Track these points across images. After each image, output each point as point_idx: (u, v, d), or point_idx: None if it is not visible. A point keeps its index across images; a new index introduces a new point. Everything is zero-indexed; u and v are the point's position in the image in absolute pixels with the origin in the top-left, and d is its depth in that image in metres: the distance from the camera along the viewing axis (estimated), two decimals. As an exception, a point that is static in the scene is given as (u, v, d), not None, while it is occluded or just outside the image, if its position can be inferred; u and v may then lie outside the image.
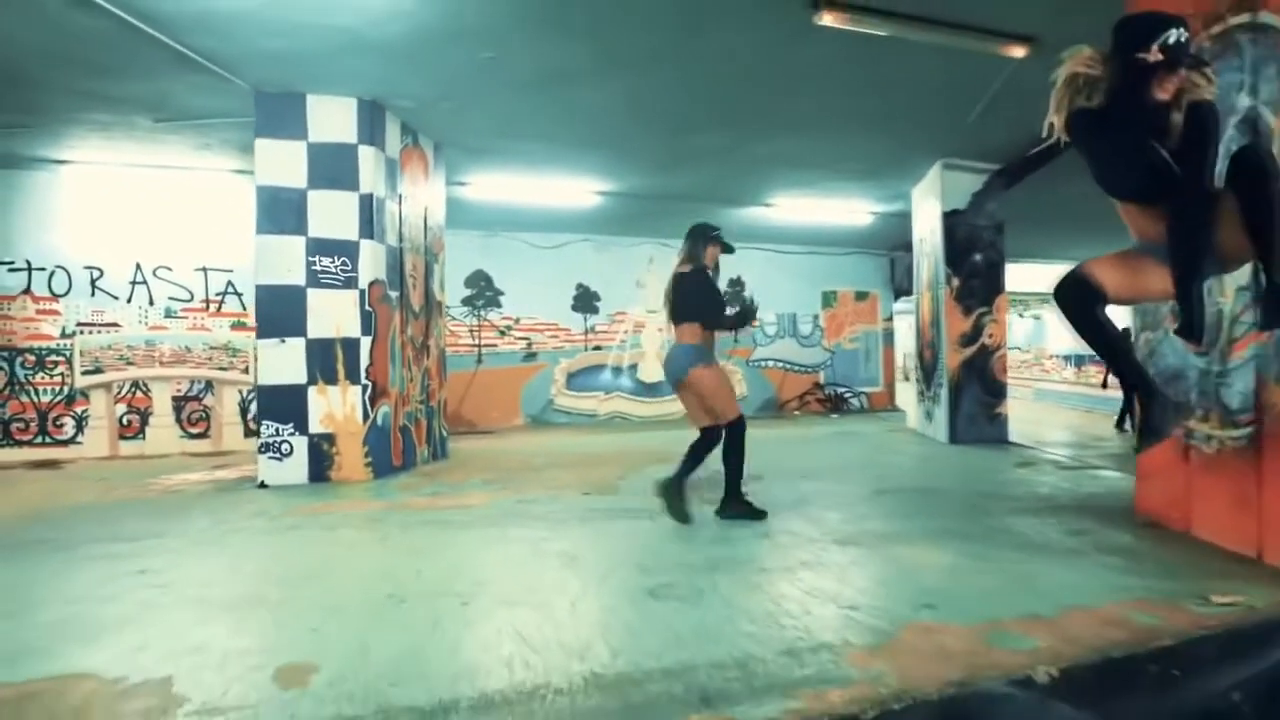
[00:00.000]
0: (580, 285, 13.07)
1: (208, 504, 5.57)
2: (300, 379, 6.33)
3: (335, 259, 6.40)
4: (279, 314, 6.30)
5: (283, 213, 6.29)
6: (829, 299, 14.74)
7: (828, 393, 14.60)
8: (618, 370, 13.27)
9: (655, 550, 3.97)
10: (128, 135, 7.32)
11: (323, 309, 6.38)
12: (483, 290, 12.47)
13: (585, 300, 13.12)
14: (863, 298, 14.94)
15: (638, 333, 13.34)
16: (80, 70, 5.82)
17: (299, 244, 6.33)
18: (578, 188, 9.85)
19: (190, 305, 8.93)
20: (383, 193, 6.69)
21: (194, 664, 2.44)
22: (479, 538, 4.33)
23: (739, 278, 13.56)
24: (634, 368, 13.32)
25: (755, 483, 5.66)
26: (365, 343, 6.49)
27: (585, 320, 13.12)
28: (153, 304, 8.78)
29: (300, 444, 6.31)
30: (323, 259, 6.37)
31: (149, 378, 8.73)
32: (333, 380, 6.40)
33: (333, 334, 6.41)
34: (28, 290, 8.38)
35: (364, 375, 6.47)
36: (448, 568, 3.69)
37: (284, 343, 6.29)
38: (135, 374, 8.68)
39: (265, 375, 6.34)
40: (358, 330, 6.46)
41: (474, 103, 6.73)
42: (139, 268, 8.73)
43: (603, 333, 13.17)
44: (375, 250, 6.60)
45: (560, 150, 8.25)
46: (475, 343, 12.39)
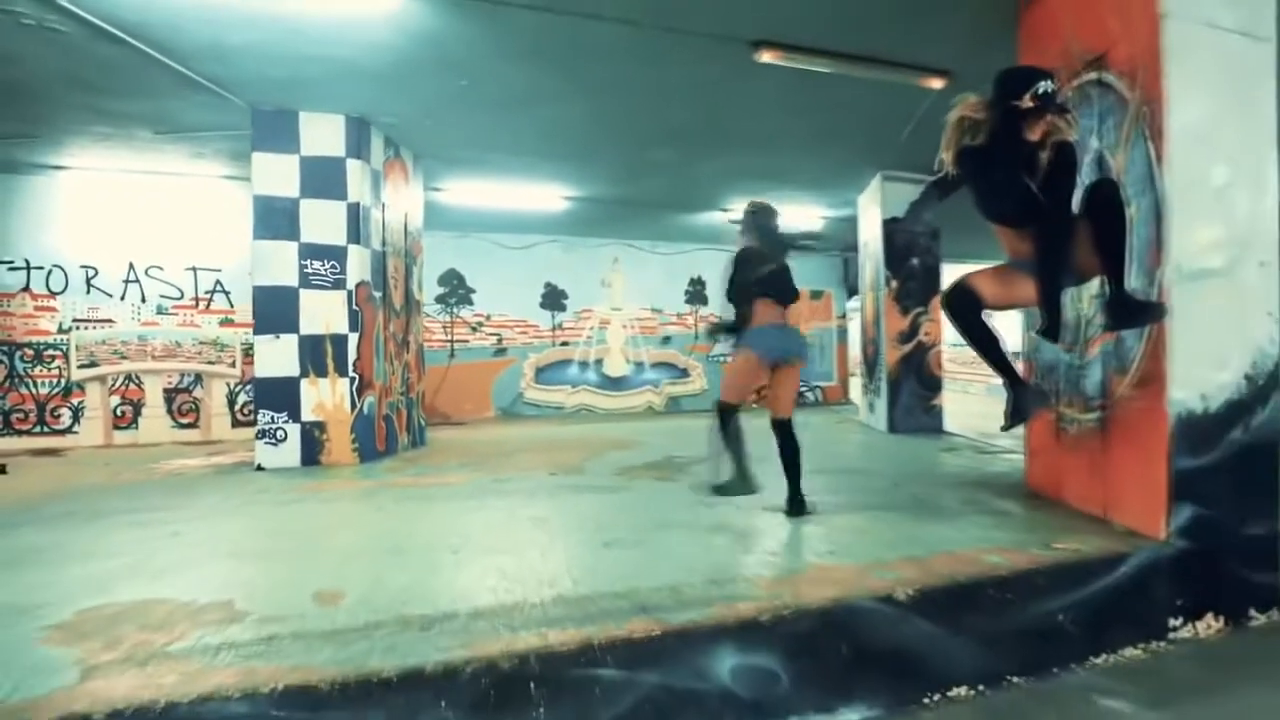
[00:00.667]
0: (548, 284, 13.70)
1: (212, 484, 6.17)
2: (294, 371, 6.94)
3: (325, 262, 7.01)
4: (274, 312, 6.90)
5: (277, 220, 6.89)
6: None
7: (784, 387, 15.35)
8: (584, 365, 13.92)
9: (611, 516, 4.67)
10: (127, 145, 7.85)
11: (314, 308, 6.98)
12: (456, 288, 13.08)
13: (553, 298, 13.75)
14: (818, 296, 15.70)
15: (603, 329, 14.01)
16: (91, 90, 6.35)
17: (292, 249, 6.93)
18: (546, 193, 10.44)
19: (180, 303, 9.45)
20: (368, 202, 7.30)
21: (246, 591, 3.11)
22: (461, 507, 5.00)
23: (699, 277, 14.35)
24: (599, 362, 13.99)
25: (703, 464, 6.39)
26: (353, 339, 7.11)
27: (553, 317, 13.75)
28: (145, 301, 9.29)
29: (294, 431, 6.93)
30: (314, 262, 6.97)
31: (141, 371, 9.26)
32: (323, 373, 7.01)
33: (323, 331, 7.02)
34: (26, 288, 8.87)
35: (351, 368, 7.09)
36: (437, 529, 4.37)
37: (279, 339, 6.90)
38: (128, 367, 9.21)
39: (262, 368, 6.94)
40: (346, 327, 7.08)
41: (452, 120, 7.35)
42: (132, 267, 9.24)
43: (570, 329, 13.81)
44: (361, 254, 7.21)
45: (530, 161, 8.87)
46: (449, 338, 13.00)
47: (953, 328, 3.87)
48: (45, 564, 3.63)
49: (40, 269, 8.91)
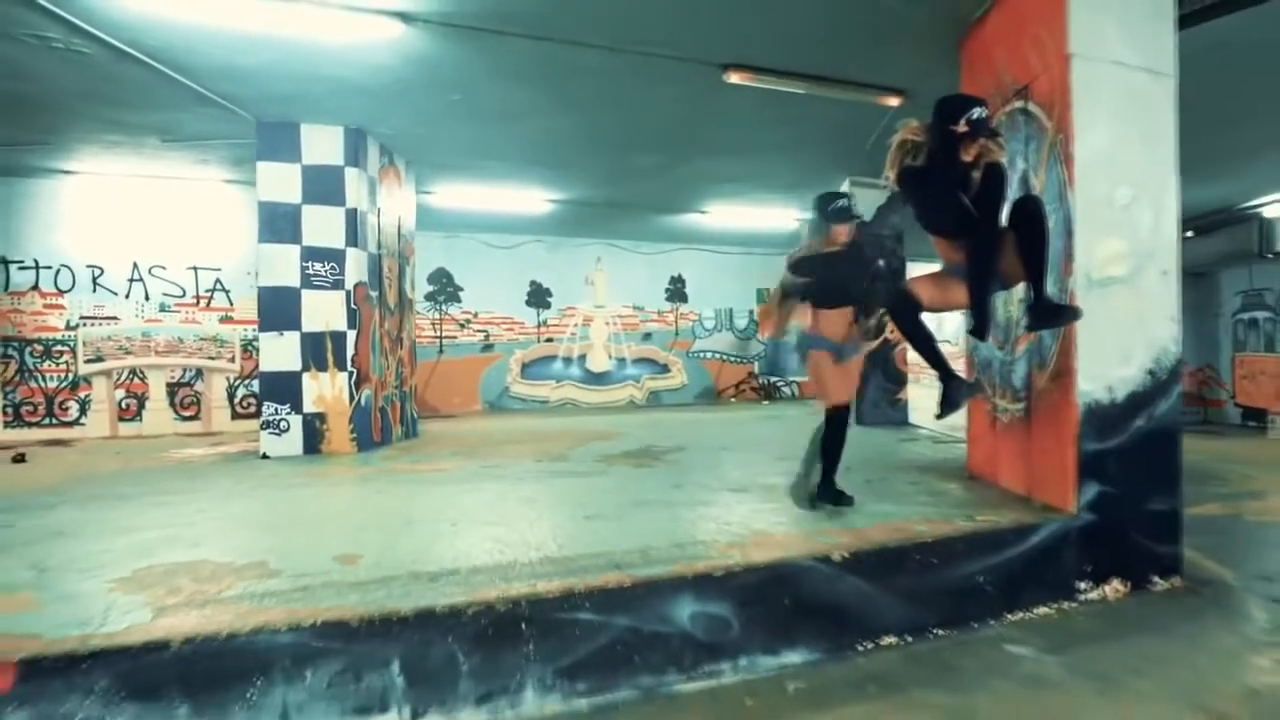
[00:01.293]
0: (534, 282, 14.19)
1: (223, 470, 6.64)
2: (296, 366, 7.42)
3: (325, 264, 7.48)
4: (278, 311, 7.39)
5: (281, 225, 7.37)
6: (763, 295, 16.03)
7: (761, 381, 15.94)
8: (568, 360, 14.43)
9: (592, 496, 5.19)
10: (135, 152, 8.29)
11: (315, 307, 7.46)
12: (444, 286, 13.55)
13: (538, 296, 14.25)
14: (795, 295, 16.24)
15: (586, 326, 14.52)
16: (106, 103, 6.79)
17: (294, 252, 7.40)
18: (531, 196, 10.91)
19: (182, 300, 9.89)
20: (365, 207, 7.78)
21: (277, 554, 3.61)
22: (456, 489, 5.51)
23: (679, 275, 14.90)
24: (583, 358, 14.51)
25: (679, 453, 6.96)
26: (351, 336, 7.59)
27: (538, 314, 14.24)
28: (148, 299, 9.73)
29: (296, 421, 7.41)
30: (315, 264, 7.45)
31: (145, 366, 9.70)
32: (323, 367, 7.49)
33: (323, 328, 7.50)
34: (35, 286, 9.30)
35: (350, 363, 7.57)
36: (436, 507, 4.88)
37: (282, 335, 7.39)
38: (133, 362, 9.65)
39: (266, 363, 7.43)
40: (344, 325, 7.56)
41: (444, 131, 7.84)
42: (136, 266, 9.68)
43: (554, 326, 14.31)
44: (359, 257, 7.69)
45: (517, 167, 9.37)
46: (437, 334, 13.47)
47: (897, 327, 4.38)
48: (91, 536, 4.11)
49: (49, 268, 9.34)
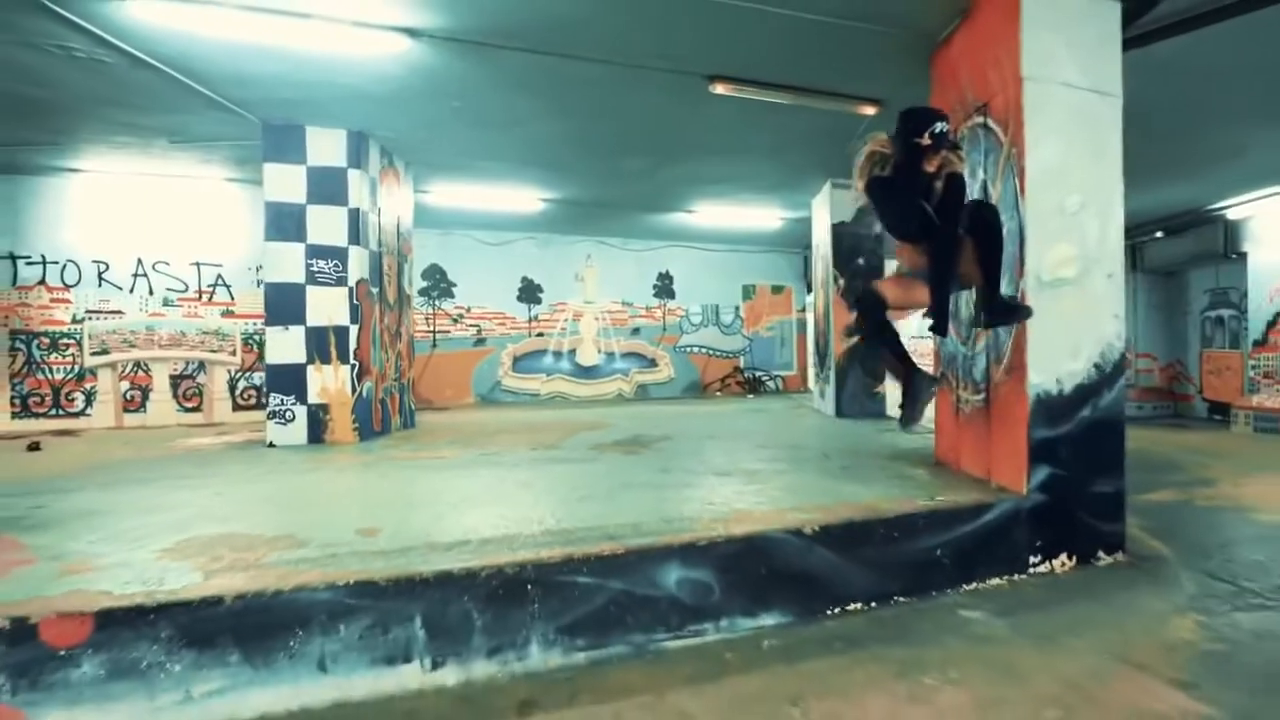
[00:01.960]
0: (525, 278, 14.59)
1: (232, 458, 6.97)
2: (301, 359, 7.77)
3: (329, 262, 7.83)
4: (284, 306, 7.74)
5: (286, 224, 7.71)
6: (748, 291, 16.48)
7: (746, 376, 16.35)
8: (558, 355, 14.83)
9: (585, 480, 5.57)
10: (142, 152, 8.60)
11: (319, 303, 7.81)
12: (438, 282, 13.91)
13: (529, 292, 14.64)
14: (779, 291, 16.70)
15: (576, 321, 14.91)
16: (119, 106, 7.12)
17: (299, 250, 7.75)
18: (525, 196, 11.30)
19: (185, 295, 10.22)
20: (366, 207, 8.13)
21: (301, 528, 3.97)
22: (457, 474, 5.88)
23: (667, 272, 15.30)
24: (573, 353, 14.91)
25: (666, 441, 7.37)
26: (353, 330, 7.94)
27: (529, 310, 14.64)
28: (152, 294, 10.06)
29: (300, 412, 7.76)
30: (319, 261, 7.79)
31: (149, 359, 10.03)
32: (327, 360, 7.84)
33: (327, 323, 7.84)
34: (43, 281, 9.62)
35: (352, 356, 7.92)
36: (440, 489, 5.25)
37: (288, 330, 7.73)
38: (137, 355, 9.98)
39: (273, 356, 7.77)
40: (347, 320, 7.91)
41: (443, 135, 8.20)
42: (140, 262, 10.00)
43: (545, 321, 14.71)
44: (361, 254, 8.04)
45: (511, 168, 9.75)
46: (431, 329, 13.83)
47: (862, 325, 4.77)
48: (124, 515, 4.45)
49: (55, 264, 9.66)
